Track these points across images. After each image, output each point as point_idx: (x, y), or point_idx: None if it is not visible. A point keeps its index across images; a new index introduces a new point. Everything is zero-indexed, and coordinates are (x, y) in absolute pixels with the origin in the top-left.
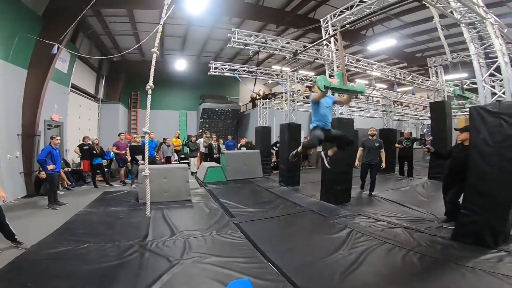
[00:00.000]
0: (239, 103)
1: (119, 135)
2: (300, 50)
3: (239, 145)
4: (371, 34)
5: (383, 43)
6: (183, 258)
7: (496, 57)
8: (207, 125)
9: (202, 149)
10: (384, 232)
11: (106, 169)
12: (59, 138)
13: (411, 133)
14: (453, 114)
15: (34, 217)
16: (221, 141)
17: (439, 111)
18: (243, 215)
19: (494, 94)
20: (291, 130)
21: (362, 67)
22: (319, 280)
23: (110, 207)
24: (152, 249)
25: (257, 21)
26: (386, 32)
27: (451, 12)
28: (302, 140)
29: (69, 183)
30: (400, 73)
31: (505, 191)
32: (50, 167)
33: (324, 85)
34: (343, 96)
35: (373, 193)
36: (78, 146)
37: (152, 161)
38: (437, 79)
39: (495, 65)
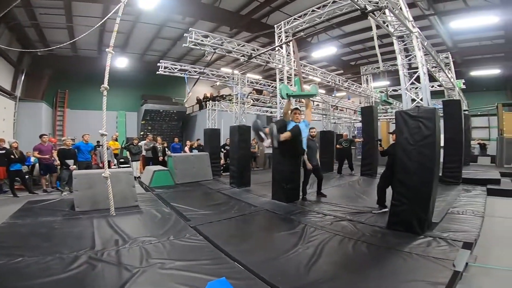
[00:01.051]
0: (185, 105)
1: (40, 137)
2: (254, 54)
3: (186, 147)
4: (316, 41)
5: (326, 50)
6: (143, 265)
7: (417, 68)
8: (149, 127)
9: (144, 153)
10: (333, 225)
11: (27, 176)
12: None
13: (347, 135)
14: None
15: None
16: (165, 143)
17: (368, 115)
18: (199, 218)
19: (413, 100)
20: (241, 132)
21: (308, 72)
22: (286, 274)
23: (41, 218)
24: (104, 259)
25: (210, 22)
26: (329, 40)
27: (387, 25)
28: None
29: None
30: (338, 80)
31: (425, 183)
32: None
33: (287, 94)
34: (305, 102)
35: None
36: None
37: (87, 165)
38: (367, 86)
39: (416, 75)
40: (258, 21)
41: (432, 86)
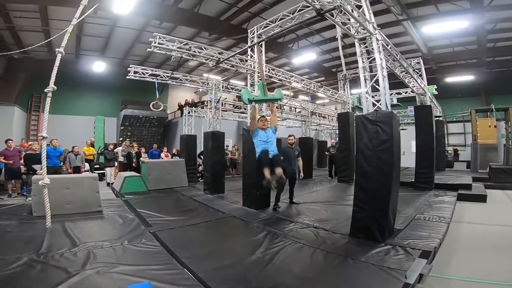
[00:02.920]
0: (167, 110)
1: (6, 142)
2: (223, 59)
3: (162, 154)
4: (297, 47)
5: (306, 56)
6: (85, 268)
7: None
8: (129, 133)
9: (121, 159)
10: (296, 233)
11: None
12: None
13: (336, 142)
14: None
15: None
16: (143, 149)
17: (345, 121)
18: (161, 224)
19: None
20: (215, 138)
21: (283, 77)
22: (233, 281)
23: None
24: (45, 261)
25: (190, 28)
26: (309, 46)
27: (348, 27)
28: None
29: None
30: (314, 85)
31: (383, 188)
32: None
33: (248, 98)
34: (270, 107)
35: (293, 200)
36: None
37: (56, 171)
38: (344, 92)
39: (374, 79)
40: (239, 27)
41: (406, 92)
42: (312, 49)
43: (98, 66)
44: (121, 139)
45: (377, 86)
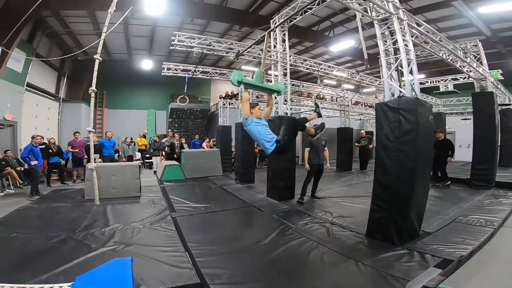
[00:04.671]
0: (210, 103)
1: (74, 134)
2: (241, 51)
3: (204, 144)
4: (333, 35)
5: (345, 43)
6: (105, 246)
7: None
8: (176, 125)
9: (167, 149)
10: (309, 228)
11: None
12: (39, 137)
13: (367, 132)
14: None
15: None
16: (184, 140)
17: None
18: (184, 210)
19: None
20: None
21: (310, 67)
22: (225, 269)
23: (54, 203)
24: (76, 238)
25: (221, 23)
26: (347, 33)
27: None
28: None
29: (21, 182)
30: (348, 73)
31: (404, 185)
32: (33, 162)
33: (237, 80)
34: (267, 99)
35: (316, 194)
36: None
37: (111, 160)
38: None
39: (397, 62)
40: (268, 18)
41: (464, 78)
42: (351, 36)
43: (146, 64)
44: (169, 130)
45: (401, 69)
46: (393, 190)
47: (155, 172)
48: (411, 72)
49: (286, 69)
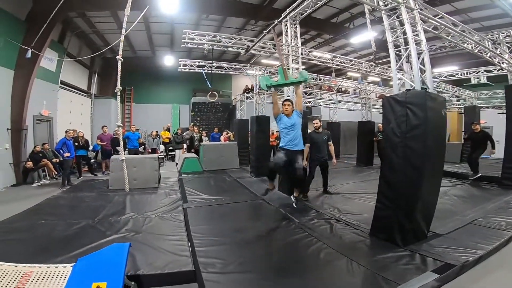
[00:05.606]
0: (231, 97)
1: (102, 128)
2: (251, 46)
3: (222, 137)
4: (352, 26)
5: (366, 35)
6: (118, 233)
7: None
8: (198, 118)
9: (187, 142)
10: (313, 224)
11: (93, 160)
12: (72, 131)
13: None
14: None
15: (19, 201)
16: (204, 133)
17: None
18: (196, 201)
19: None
20: (260, 122)
21: (325, 60)
22: (221, 259)
23: (81, 193)
24: (94, 226)
25: (237, 18)
26: (366, 24)
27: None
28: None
29: (56, 173)
30: (367, 66)
31: (410, 184)
32: (66, 154)
33: (266, 85)
34: (295, 90)
35: (328, 189)
36: None
37: (135, 152)
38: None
39: (406, 53)
40: (283, 11)
41: (499, 70)
42: (373, 27)
43: (168, 60)
44: (192, 123)
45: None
46: (398, 188)
47: (176, 164)
48: (423, 64)
49: (298, 62)
